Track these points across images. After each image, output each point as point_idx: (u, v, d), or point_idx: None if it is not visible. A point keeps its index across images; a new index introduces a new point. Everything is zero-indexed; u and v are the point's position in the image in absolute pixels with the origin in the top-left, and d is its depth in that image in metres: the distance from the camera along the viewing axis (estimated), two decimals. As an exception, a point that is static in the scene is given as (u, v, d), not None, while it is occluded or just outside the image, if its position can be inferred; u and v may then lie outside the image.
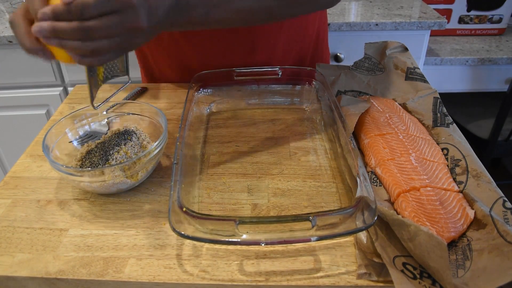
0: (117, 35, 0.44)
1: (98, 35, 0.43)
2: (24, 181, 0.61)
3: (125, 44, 0.46)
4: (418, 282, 0.43)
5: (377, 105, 0.70)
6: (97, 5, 0.41)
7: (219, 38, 0.78)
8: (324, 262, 0.47)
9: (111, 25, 0.42)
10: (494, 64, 1.50)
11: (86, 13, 0.41)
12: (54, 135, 0.60)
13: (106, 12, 0.42)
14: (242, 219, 0.45)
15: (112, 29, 0.43)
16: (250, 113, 0.76)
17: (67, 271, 0.47)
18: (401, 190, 0.54)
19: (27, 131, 1.47)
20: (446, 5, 1.58)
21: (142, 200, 0.57)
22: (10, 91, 1.44)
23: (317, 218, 0.45)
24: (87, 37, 0.42)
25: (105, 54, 0.45)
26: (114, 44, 0.44)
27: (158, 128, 0.63)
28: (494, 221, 0.47)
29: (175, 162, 0.54)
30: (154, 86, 0.86)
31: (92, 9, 0.41)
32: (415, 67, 0.76)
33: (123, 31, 0.44)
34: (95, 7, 0.41)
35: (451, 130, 0.64)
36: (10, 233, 0.52)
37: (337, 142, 0.62)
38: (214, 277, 0.46)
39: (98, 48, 0.44)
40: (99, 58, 0.45)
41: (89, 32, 0.42)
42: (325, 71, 0.78)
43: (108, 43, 0.44)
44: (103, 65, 0.54)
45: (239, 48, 0.79)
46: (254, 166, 0.63)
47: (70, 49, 0.44)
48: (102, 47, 0.44)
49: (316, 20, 0.85)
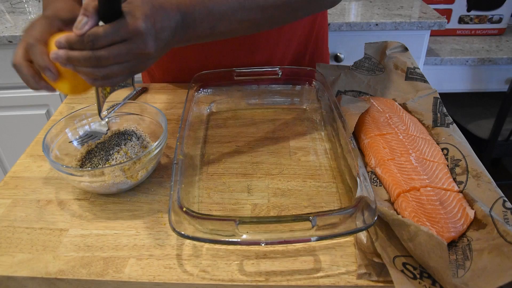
0: (127, 61, 0.46)
1: (109, 63, 0.45)
2: (24, 181, 0.61)
3: (135, 68, 0.48)
4: (418, 282, 0.43)
5: (377, 105, 0.70)
6: (107, 36, 0.44)
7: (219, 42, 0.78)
8: (324, 262, 0.47)
9: (121, 53, 0.45)
10: (494, 64, 1.50)
11: (97, 43, 0.44)
12: (54, 135, 0.60)
13: (115, 41, 0.44)
14: (242, 219, 0.45)
15: (122, 57, 0.45)
16: (250, 113, 0.76)
17: (67, 271, 0.47)
18: (401, 190, 0.54)
19: (27, 131, 1.47)
20: (446, 5, 1.58)
21: (142, 200, 0.57)
22: (10, 91, 1.44)
23: (317, 218, 0.45)
24: (99, 64, 0.45)
25: (116, 78, 0.48)
26: (125, 69, 0.47)
27: (158, 128, 0.63)
28: (494, 221, 0.47)
29: (175, 162, 0.54)
30: (154, 86, 0.86)
31: (102, 40, 0.44)
32: (415, 67, 0.76)
33: (133, 57, 0.46)
34: (105, 37, 0.44)
35: (451, 130, 0.64)
36: (10, 233, 0.52)
37: (337, 142, 0.62)
38: (214, 277, 0.46)
39: (109, 73, 0.46)
40: (110, 80, 0.48)
41: (101, 60, 0.45)
42: (325, 71, 0.78)
43: (119, 69, 0.46)
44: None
45: (238, 48, 0.79)
46: (254, 166, 0.63)
47: (83, 74, 0.47)
48: (113, 72, 0.46)
49: (316, 20, 0.85)
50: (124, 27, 0.44)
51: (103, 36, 0.44)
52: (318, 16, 0.85)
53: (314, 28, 0.85)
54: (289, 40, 0.82)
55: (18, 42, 1.31)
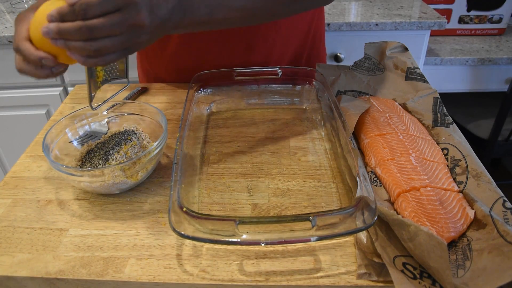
0: (120, 34, 0.44)
1: (101, 34, 0.44)
2: (24, 181, 0.61)
3: (129, 44, 0.46)
4: (418, 282, 0.43)
5: (377, 105, 0.70)
6: (100, 4, 0.42)
7: (215, 38, 0.78)
8: (324, 262, 0.47)
9: (114, 23, 0.43)
10: (494, 64, 1.50)
11: (89, 12, 0.43)
12: (54, 135, 0.60)
13: (109, 10, 0.43)
14: (242, 219, 0.45)
15: (115, 27, 0.44)
16: (250, 113, 0.76)
17: (67, 271, 0.47)
18: (401, 190, 0.54)
19: (27, 131, 1.47)
20: (446, 5, 1.58)
21: (142, 200, 0.57)
22: (10, 91, 1.44)
23: (317, 218, 0.45)
24: (91, 36, 0.43)
25: (108, 54, 0.46)
26: (118, 43, 0.45)
27: (158, 128, 0.63)
28: (494, 221, 0.47)
29: (175, 162, 0.54)
30: (154, 86, 0.86)
31: (95, 8, 0.43)
32: (415, 67, 0.76)
33: (126, 29, 0.44)
34: (98, 6, 0.42)
35: (451, 130, 0.64)
36: (10, 233, 0.52)
37: (337, 142, 0.62)
38: (214, 277, 0.46)
39: (101, 47, 0.44)
40: (103, 58, 0.46)
41: (93, 31, 0.43)
42: (325, 71, 0.78)
43: (112, 42, 0.44)
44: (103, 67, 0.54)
45: (235, 48, 0.79)
46: (254, 166, 0.63)
47: (74, 50, 0.45)
48: (106, 46, 0.45)
49: (313, 19, 0.85)
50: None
51: (96, 5, 0.42)
52: (315, 15, 0.85)
53: (311, 27, 0.85)
54: (286, 39, 0.82)
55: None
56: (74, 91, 0.86)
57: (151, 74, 0.91)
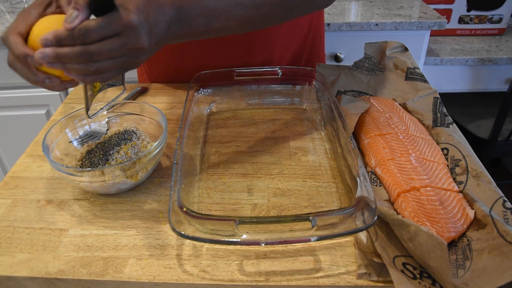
0: (119, 56, 0.45)
1: (101, 58, 0.44)
2: (24, 181, 0.61)
3: (128, 64, 0.46)
4: (418, 282, 0.43)
5: (377, 105, 0.70)
6: (99, 29, 0.42)
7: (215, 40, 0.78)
8: (324, 262, 0.47)
9: (113, 48, 0.43)
10: (494, 64, 1.50)
11: (88, 38, 0.42)
12: (54, 135, 0.60)
13: (108, 35, 0.43)
14: (242, 219, 0.45)
15: (115, 51, 0.44)
16: (250, 113, 0.76)
17: (67, 271, 0.47)
18: (401, 190, 0.54)
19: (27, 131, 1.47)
20: (446, 5, 1.58)
21: (142, 200, 0.57)
22: (10, 91, 1.44)
23: (317, 218, 0.45)
24: (90, 60, 0.43)
25: (107, 73, 0.46)
26: (117, 64, 0.45)
27: (158, 128, 0.63)
28: (494, 221, 0.47)
29: (175, 162, 0.54)
30: (154, 86, 0.86)
31: (94, 34, 0.42)
32: (415, 67, 0.76)
33: (125, 52, 0.44)
34: (96, 31, 0.42)
35: (451, 130, 0.64)
36: (10, 233, 0.52)
37: (337, 142, 0.62)
38: (214, 277, 0.46)
39: (101, 68, 0.45)
40: (101, 76, 0.46)
41: (92, 56, 0.43)
42: (325, 71, 0.78)
43: (111, 64, 0.45)
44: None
45: (235, 49, 0.79)
46: (254, 166, 0.63)
47: (73, 71, 0.45)
48: (105, 67, 0.45)
49: (313, 20, 0.85)
50: (117, 21, 0.42)
51: (95, 30, 0.42)
52: (315, 16, 0.85)
53: (312, 28, 0.85)
54: (286, 40, 0.82)
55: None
56: (74, 91, 0.86)
57: (150, 74, 0.91)
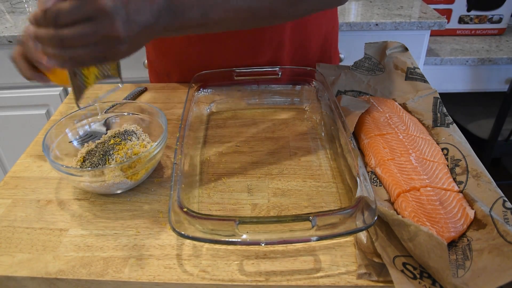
0: (94, 44, 0.42)
1: (73, 44, 0.42)
2: (24, 181, 0.61)
3: (105, 53, 0.43)
4: (418, 282, 0.43)
5: (377, 105, 0.70)
6: (70, 13, 0.40)
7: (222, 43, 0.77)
8: (324, 262, 0.47)
9: (85, 34, 0.41)
10: (494, 64, 1.50)
11: (60, 21, 0.41)
12: (54, 135, 0.60)
13: (80, 19, 0.41)
14: (242, 219, 0.45)
15: (87, 38, 0.41)
16: (250, 113, 0.76)
17: (67, 271, 0.47)
18: (401, 190, 0.54)
19: (27, 131, 1.47)
20: (446, 5, 1.58)
21: (142, 200, 0.57)
22: (10, 91, 1.44)
23: (317, 218, 0.45)
24: (63, 45, 0.42)
25: (84, 61, 0.44)
26: (92, 52, 0.43)
27: (158, 128, 0.63)
28: (494, 221, 0.47)
29: (175, 162, 0.54)
30: (154, 86, 0.86)
31: (65, 16, 0.40)
32: (415, 67, 0.76)
33: (99, 39, 0.42)
34: (68, 14, 0.40)
35: (451, 130, 0.64)
36: (10, 233, 0.52)
37: (337, 142, 0.62)
38: (214, 277, 0.46)
39: (75, 56, 0.43)
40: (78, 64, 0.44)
41: (63, 41, 0.41)
42: (325, 71, 0.78)
43: (85, 52, 0.42)
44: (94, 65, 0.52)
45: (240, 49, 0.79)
46: (254, 166, 0.63)
47: (49, 56, 0.43)
48: (79, 55, 0.42)
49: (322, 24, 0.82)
50: (89, 4, 0.40)
51: (66, 13, 0.40)
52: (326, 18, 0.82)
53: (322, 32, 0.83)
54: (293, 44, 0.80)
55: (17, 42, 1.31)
56: (74, 91, 0.86)
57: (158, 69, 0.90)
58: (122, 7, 0.41)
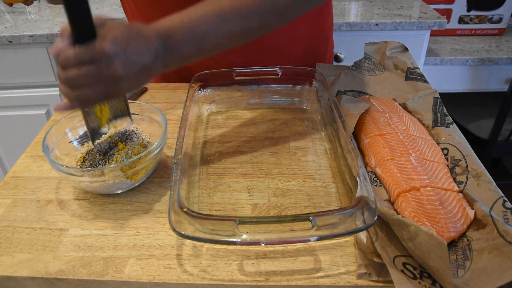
0: (97, 83, 0.46)
1: (77, 84, 0.46)
2: (24, 181, 0.61)
3: (109, 91, 0.47)
4: (418, 282, 0.43)
5: (377, 105, 0.70)
6: (75, 56, 0.45)
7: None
8: (324, 262, 0.47)
9: (87, 74, 0.45)
10: (494, 64, 1.50)
11: (67, 64, 0.46)
12: (54, 135, 0.60)
13: (83, 62, 0.45)
14: (242, 219, 0.45)
15: (89, 78, 0.45)
16: (250, 113, 0.76)
17: (67, 271, 0.47)
18: (401, 190, 0.54)
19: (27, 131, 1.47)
20: (446, 5, 1.58)
21: (142, 200, 0.57)
22: (10, 91, 1.44)
23: (317, 218, 0.45)
24: (70, 85, 0.46)
25: (90, 99, 0.48)
26: (97, 91, 0.46)
27: (158, 128, 0.63)
28: (494, 221, 0.47)
29: (175, 162, 0.54)
30: (154, 86, 0.86)
31: (70, 60, 0.45)
32: (415, 67, 0.76)
33: (102, 79, 0.46)
34: (72, 57, 0.45)
35: (451, 130, 0.64)
36: (10, 233, 0.52)
37: (337, 142, 0.62)
38: (214, 277, 0.46)
39: (81, 95, 0.47)
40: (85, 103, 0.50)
41: (69, 81, 0.46)
42: (325, 71, 0.78)
43: (90, 91, 0.46)
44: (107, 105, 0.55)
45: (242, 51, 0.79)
46: (254, 166, 0.63)
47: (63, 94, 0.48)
48: (85, 94, 0.47)
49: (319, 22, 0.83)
50: (92, 48, 0.45)
51: (71, 57, 0.45)
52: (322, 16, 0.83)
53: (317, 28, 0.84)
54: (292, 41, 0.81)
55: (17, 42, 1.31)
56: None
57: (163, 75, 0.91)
58: (122, 50, 0.45)
